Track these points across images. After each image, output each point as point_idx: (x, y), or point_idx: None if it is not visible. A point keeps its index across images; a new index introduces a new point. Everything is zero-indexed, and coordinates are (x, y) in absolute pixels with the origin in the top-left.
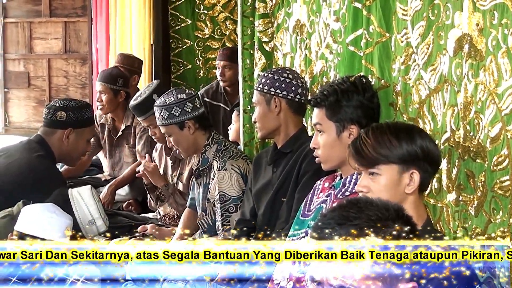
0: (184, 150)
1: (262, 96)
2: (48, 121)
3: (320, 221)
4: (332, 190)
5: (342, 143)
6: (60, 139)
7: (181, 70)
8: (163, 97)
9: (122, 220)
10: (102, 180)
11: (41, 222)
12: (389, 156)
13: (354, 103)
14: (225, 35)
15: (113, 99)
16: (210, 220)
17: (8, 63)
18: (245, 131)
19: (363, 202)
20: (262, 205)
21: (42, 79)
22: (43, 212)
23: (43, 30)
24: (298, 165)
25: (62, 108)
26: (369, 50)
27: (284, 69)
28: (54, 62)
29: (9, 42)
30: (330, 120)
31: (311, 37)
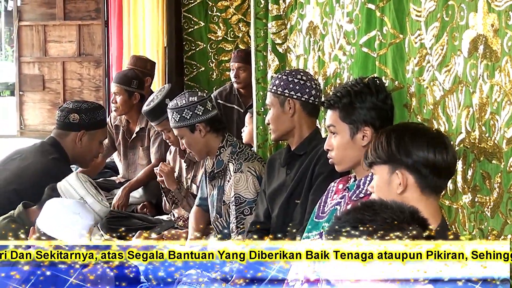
0: (197, 153)
1: (276, 98)
2: (61, 123)
3: (335, 224)
4: (346, 192)
5: (356, 145)
6: (73, 141)
7: (194, 72)
8: (175, 100)
9: (136, 222)
10: (116, 182)
11: (64, 222)
12: (380, 156)
13: (368, 104)
14: (238, 37)
15: (128, 100)
16: (224, 222)
17: (23, 66)
18: (259, 133)
19: (378, 204)
20: (276, 207)
21: (56, 82)
22: (68, 211)
23: (57, 33)
24: (312, 167)
25: (75, 110)
26: (383, 51)
27: (298, 71)
28: (69, 65)
29: (24, 45)
30: (343, 122)
31: (324, 38)
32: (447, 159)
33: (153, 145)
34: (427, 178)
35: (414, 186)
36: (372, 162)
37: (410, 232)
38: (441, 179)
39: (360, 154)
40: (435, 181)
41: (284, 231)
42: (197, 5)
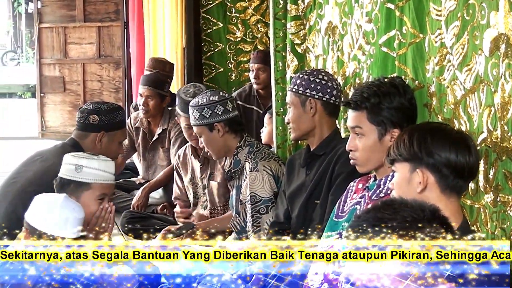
0: (214, 152)
1: (297, 98)
2: (81, 124)
3: (354, 223)
4: (366, 191)
5: (383, 146)
6: (93, 142)
7: (213, 73)
8: (197, 97)
9: (156, 223)
10: (136, 183)
11: (54, 216)
12: (402, 154)
13: (396, 105)
14: (256, 38)
15: (160, 104)
16: (242, 221)
17: (43, 68)
18: (278, 133)
19: (397, 203)
20: (296, 208)
21: (77, 83)
22: (56, 205)
23: (77, 35)
24: (332, 167)
25: (94, 112)
26: (403, 51)
27: (319, 71)
28: (88, 66)
29: (45, 47)
30: (371, 123)
31: (343, 38)
32: (470, 161)
33: (173, 146)
34: (448, 179)
35: (434, 186)
36: (394, 159)
37: (430, 231)
38: (462, 180)
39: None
40: (456, 182)
41: (304, 232)
42: (215, 6)
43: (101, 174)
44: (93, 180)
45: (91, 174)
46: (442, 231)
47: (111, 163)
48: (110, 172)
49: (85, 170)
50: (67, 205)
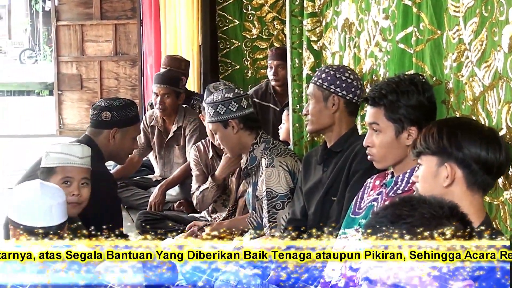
0: (229, 149)
1: (320, 92)
2: (94, 121)
3: (372, 220)
4: (384, 188)
5: (400, 144)
6: (106, 138)
7: (229, 70)
8: (213, 94)
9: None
10: (153, 180)
11: (37, 207)
12: (429, 147)
13: (414, 103)
14: (273, 35)
15: (176, 101)
16: (259, 217)
17: (61, 65)
18: (295, 130)
19: (416, 200)
20: (312, 205)
21: (94, 81)
22: (36, 195)
23: (94, 32)
24: (348, 164)
25: (107, 108)
26: (420, 47)
27: (346, 68)
28: (105, 64)
29: (62, 44)
30: (388, 120)
31: (360, 35)
32: (500, 158)
33: (188, 143)
34: (476, 175)
35: (461, 181)
36: (421, 152)
37: (449, 228)
38: (491, 177)
39: (402, 153)
40: (484, 178)
41: (321, 229)
42: (232, 4)
43: (64, 157)
44: (56, 164)
45: (55, 158)
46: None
47: (77, 147)
48: (75, 155)
49: (51, 155)
50: (46, 191)
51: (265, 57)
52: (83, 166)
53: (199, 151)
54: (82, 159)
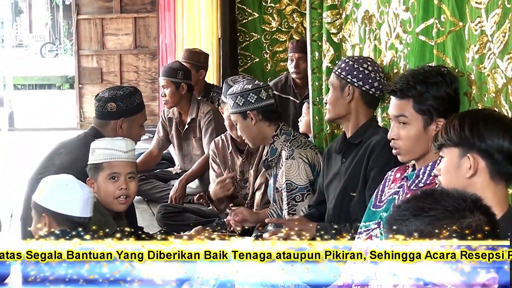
0: (249, 140)
1: (338, 81)
2: (100, 113)
3: (394, 213)
4: (405, 181)
5: (428, 136)
6: (114, 129)
7: (248, 63)
8: (234, 86)
9: (190, 217)
10: (173, 173)
11: (61, 195)
12: (451, 139)
13: (442, 94)
14: (292, 27)
15: (175, 92)
16: (278, 210)
17: (82, 59)
18: (315, 123)
19: (438, 192)
20: (331, 198)
21: (114, 74)
22: (62, 184)
23: (114, 26)
24: (366, 160)
25: (111, 99)
26: (441, 39)
27: (366, 60)
28: (125, 57)
29: (82, 38)
30: (416, 112)
31: (380, 27)
32: None
33: (204, 136)
34: (499, 165)
35: (484, 171)
36: (442, 144)
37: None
38: None
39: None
40: (507, 168)
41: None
42: None
43: (109, 152)
44: (102, 159)
45: (101, 154)
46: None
47: (120, 141)
48: (120, 150)
49: (97, 151)
50: (82, 184)
51: (285, 50)
52: (129, 160)
53: (217, 146)
54: (127, 153)
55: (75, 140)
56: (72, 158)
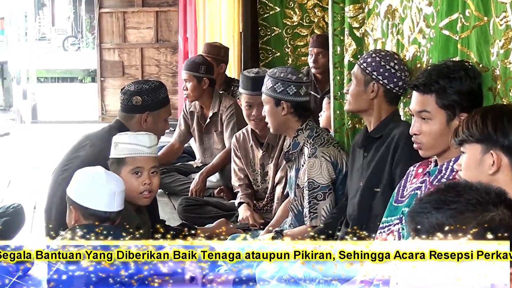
0: (272, 125)
1: (363, 76)
2: (125, 106)
3: (416, 206)
4: (427, 176)
5: (451, 131)
6: (138, 123)
7: (269, 57)
8: (277, 69)
9: (211, 210)
10: (194, 166)
11: (87, 189)
12: (473, 135)
13: (466, 89)
14: (313, 22)
15: (197, 86)
16: (299, 206)
17: (103, 52)
18: (336, 117)
19: (462, 186)
20: (353, 192)
21: (135, 68)
22: (89, 178)
23: (136, 19)
24: (391, 155)
25: (137, 93)
26: (466, 34)
27: (393, 57)
28: (147, 51)
29: (105, 31)
30: (439, 107)
31: (403, 22)
32: None
33: (226, 129)
34: None
35: (507, 168)
36: (464, 140)
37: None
38: None
39: None
40: None
41: (363, 219)
42: None
43: (133, 147)
44: (126, 154)
45: (124, 149)
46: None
47: (144, 136)
48: (143, 145)
49: (120, 146)
50: (111, 178)
51: (306, 44)
52: (152, 155)
53: (238, 140)
54: (150, 148)
55: (100, 132)
56: (97, 151)
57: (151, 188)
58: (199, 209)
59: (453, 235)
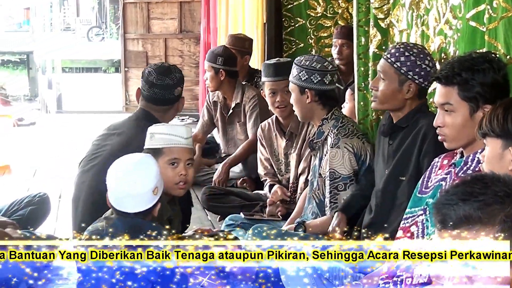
0: (298, 113)
1: (397, 75)
2: (166, 100)
3: (442, 197)
4: (453, 168)
5: (474, 123)
6: (175, 109)
7: (293, 48)
8: (305, 57)
9: (234, 199)
10: (217, 157)
11: (118, 188)
12: (494, 130)
13: (489, 81)
14: (337, 13)
15: (215, 77)
16: (321, 195)
17: (127, 43)
18: (359, 108)
19: (489, 178)
20: (378, 180)
21: (159, 58)
22: (122, 176)
23: (160, 10)
24: (419, 145)
25: (176, 84)
26: (493, 25)
27: (426, 55)
28: (170, 41)
29: (129, 22)
30: (462, 99)
31: (429, 13)
32: None
33: (249, 120)
34: None
35: None
36: (486, 134)
37: None
38: None
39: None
40: None
41: (387, 207)
42: None
43: (170, 138)
44: (163, 144)
45: (161, 139)
46: None
47: (181, 128)
48: (180, 136)
49: (157, 136)
50: (144, 176)
51: (329, 36)
52: (188, 146)
53: (263, 129)
54: (186, 140)
55: (127, 121)
56: (125, 139)
57: (187, 179)
58: (222, 198)
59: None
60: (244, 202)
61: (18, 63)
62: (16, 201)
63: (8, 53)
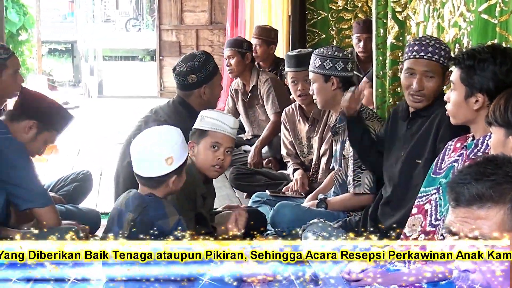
0: (321, 102)
1: (440, 68)
2: (182, 86)
3: (456, 177)
4: (464, 150)
5: (468, 106)
6: (198, 96)
7: (316, 39)
8: (323, 48)
9: (261, 179)
10: (244, 139)
11: (147, 142)
12: (497, 119)
13: (488, 74)
14: (357, 7)
15: (241, 61)
16: (344, 175)
17: (162, 33)
18: (377, 95)
19: (500, 159)
20: (393, 161)
21: (191, 48)
22: (155, 133)
23: (192, 3)
24: (435, 129)
25: (190, 72)
26: (504, 18)
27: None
28: (201, 32)
29: (163, 14)
30: (462, 82)
31: (444, 6)
32: None
33: (266, 103)
34: None
35: None
36: (490, 122)
37: None
38: None
39: (471, 115)
40: None
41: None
42: None
43: (217, 123)
44: (210, 128)
45: (209, 122)
46: None
47: (229, 117)
48: (227, 124)
49: (206, 119)
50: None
51: (349, 28)
52: (231, 135)
53: (287, 114)
54: (232, 129)
55: (165, 106)
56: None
57: (223, 164)
58: (249, 177)
59: (493, 205)
60: (269, 181)
61: (63, 51)
62: (62, 178)
63: (55, 43)
